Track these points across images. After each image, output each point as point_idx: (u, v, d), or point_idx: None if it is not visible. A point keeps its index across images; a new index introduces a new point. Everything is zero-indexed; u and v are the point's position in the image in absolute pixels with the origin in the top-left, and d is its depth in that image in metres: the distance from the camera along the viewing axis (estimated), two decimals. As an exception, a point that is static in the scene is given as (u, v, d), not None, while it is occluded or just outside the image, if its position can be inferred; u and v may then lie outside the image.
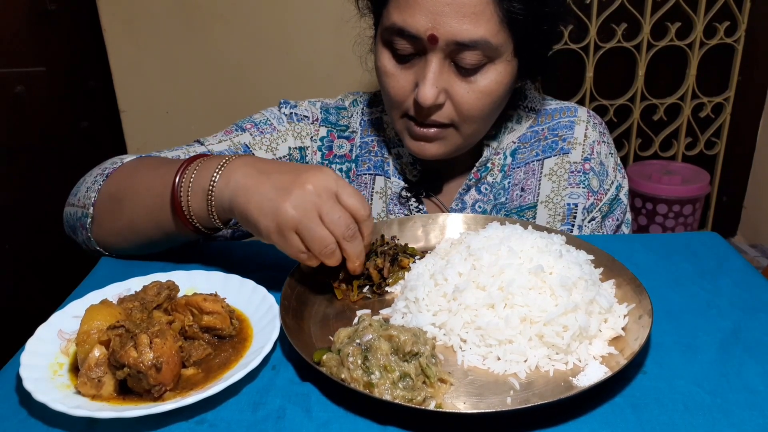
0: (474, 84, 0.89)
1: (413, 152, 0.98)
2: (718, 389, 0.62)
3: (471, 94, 0.90)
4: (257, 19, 1.74)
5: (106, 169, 0.90)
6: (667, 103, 2.11)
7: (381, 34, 0.93)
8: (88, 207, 0.87)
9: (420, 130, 0.93)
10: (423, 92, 0.88)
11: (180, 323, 0.68)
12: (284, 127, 1.07)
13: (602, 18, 1.96)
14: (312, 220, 0.69)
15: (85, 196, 0.88)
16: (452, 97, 0.90)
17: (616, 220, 1.09)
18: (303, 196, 0.70)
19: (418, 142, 0.96)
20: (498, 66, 0.89)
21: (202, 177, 0.77)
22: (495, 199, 1.06)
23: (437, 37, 0.85)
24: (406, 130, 0.96)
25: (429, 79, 0.88)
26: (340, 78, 1.75)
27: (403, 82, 0.92)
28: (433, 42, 0.85)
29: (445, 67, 0.89)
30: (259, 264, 0.85)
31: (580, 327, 0.65)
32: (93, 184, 0.89)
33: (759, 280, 0.82)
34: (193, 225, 0.80)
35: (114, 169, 0.89)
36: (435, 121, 0.92)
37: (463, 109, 0.91)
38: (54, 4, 1.79)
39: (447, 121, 0.93)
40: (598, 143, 1.08)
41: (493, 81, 0.90)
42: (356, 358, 0.61)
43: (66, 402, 0.58)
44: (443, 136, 0.94)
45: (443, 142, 0.95)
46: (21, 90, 1.83)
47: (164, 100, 1.80)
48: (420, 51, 0.89)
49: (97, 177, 0.89)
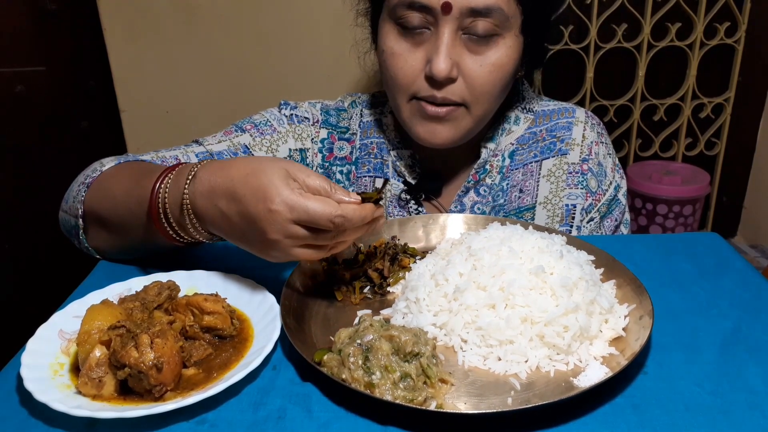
0: (486, 58, 0.89)
1: (423, 140, 0.96)
2: (719, 389, 0.62)
3: (483, 68, 0.89)
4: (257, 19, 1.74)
5: (87, 178, 0.87)
6: (667, 103, 2.11)
7: (387, 14, 0.92)
8: (78, 218, 0.86)
9: (432, 108, 0.92)
10: (437, 64, 0.87)
11: (181, 323, 0.68)
12: (284, 129, 1.06)
13: (602, 18, 1.96)
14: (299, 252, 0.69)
15: (73, 205, 0.87)
16: (464, 72, 0.90)
17: (614, 220, 1.09)
18: (278, 247, 0.68)
19: (430, 124, 0.94)
20: (507, 40, 0.90)
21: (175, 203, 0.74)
22: (494, 201, 1.05)
23: (451, 5, 0.84)
24: (417, 113, 0.94)
25: (442, 51, 0.87)
26: (340, 78, 1.74)
27: (412, 61, 0.91)
28: (447, 10, 0.85)
29: (457, 40, 0.88)
30: (260, 264, 0.85)
31: (581, 327, 0.65)
32: (77, 194, 0.87)
33: (759, 281, 0.82)
34: (184, 242, 0.78)
35: (94, 178, 0.86)
36: (447, 98, 0.91)
37: (475, 84, 0.90)
38: (54, 4, 1.79)
39: (459, 100, 0.91)
40: (596, 144, 1.08)
41: (503, 55, 0.90)
42: (357, 358, 0.61)
43: (67, 402, 0.58)
44: (455, 116, 0.93)
45: (454, 125, 0.94)
46: (21, 90, 1.83)
47: (164, 100, 1.80)
48: (430, 24, 0.88)
49: (80, 186, 0.87)
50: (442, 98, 0.91)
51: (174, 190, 0.74)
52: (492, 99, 0.94)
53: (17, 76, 1.82)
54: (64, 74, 1.87)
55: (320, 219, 0.66)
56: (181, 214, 0.73)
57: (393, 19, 0.91)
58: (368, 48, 1.08)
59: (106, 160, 0.92)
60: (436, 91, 0.91)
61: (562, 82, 2.06)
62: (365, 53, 1.08)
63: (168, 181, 0.75)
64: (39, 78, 1.84)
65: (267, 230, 0.67)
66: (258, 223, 0.67)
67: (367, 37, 1.05)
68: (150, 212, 0.75)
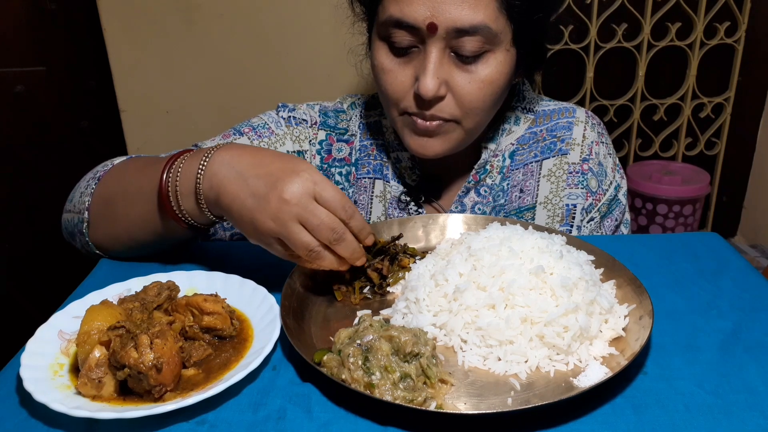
0: (475, 74, 0.88)
1: (414, 151, 0.96)
2: (719, 390, 0.62)
3: (472, 84, 0.88)
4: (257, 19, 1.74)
5: (98, 173, 0.90)
6: (667, 103, 2.11)
7: (377, 30, 0.92)
8: (83, 212, 0.87)
9: (423, 123, 0.91)
10: (424, 84, 0.87)
11: (180, 324, 0.68)
12: (282, 131, 1.06)
13: (602, 18, 1.96)
14: (291, 229, 0.69)
15: (80, 201, 0.89)
16: (453, 89, 0.89)
17: (614, 220, 1.09)
18: (280, 207, 0.69)
19: (421, 138, 0.94)
20: (498, 55, 0.89)
21: (187, 178, 0.77)
22: (494, 201, 1.05)
23: (436, 25, 0.84)
24: (407, 127, 0.94)
25: (429, 70, 0.86)
26: (340, 78, 1.74)
27: (402, 77, 0.91)
28: (433, 30, 0.84)
29: (445, 58, 0.88)
30: (260, 264, 0.85)
31: (581, 327, 0.65)
32: (86, 188, 0.89)
33: (759, 281, 0.82)
34: (187, 223, 0.80)
35: (105, 171, 0.89)
36: (436, 115, 0.91)
37: (464, 100, 0.89)
38: (54, 4, 1.79)
39: (448, 116, 0.91)
40: (597, 144, 1.08)
41: (494, 70, 0.89)
42: (357, 358, 0.61)
43: (66, 402, 0.58)
44: (445, 130, 0.93)
45: (445, 138, 0.94)
46: (21, 90, 1.83)
47: (164, 100, 1.80)
48: (418, 43, 0.88)
49: (89, 181, 0.89)
50: (430, 115, 0.91)
51: (191, 162, 0.77)
52: (483, 113, 0.93)
53: (17, 76, 1.82)
54: (64, 74, 1.87)
55: (336, 204, 0.70)
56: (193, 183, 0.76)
57: (382, 37, 0.91)
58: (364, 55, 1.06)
59: (115, 159, 0.94)
60: (425, 109, 0.90)
61: (562, 82, 2.06)
62: (361, 60, 1.07)
63: (185, 157, 0.79)
64: (39, 78, 1.84)
65: (286, 189, 0.69)
66: (278, 182, 0.69)
67: (363, 42, 1.04)
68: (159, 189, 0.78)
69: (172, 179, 0.78)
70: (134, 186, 0.84)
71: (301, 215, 0.69)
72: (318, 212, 0.69)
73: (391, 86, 0.92)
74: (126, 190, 0.85)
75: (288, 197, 0.69)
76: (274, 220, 0.69)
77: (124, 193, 0.85)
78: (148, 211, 0.82)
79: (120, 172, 0.88)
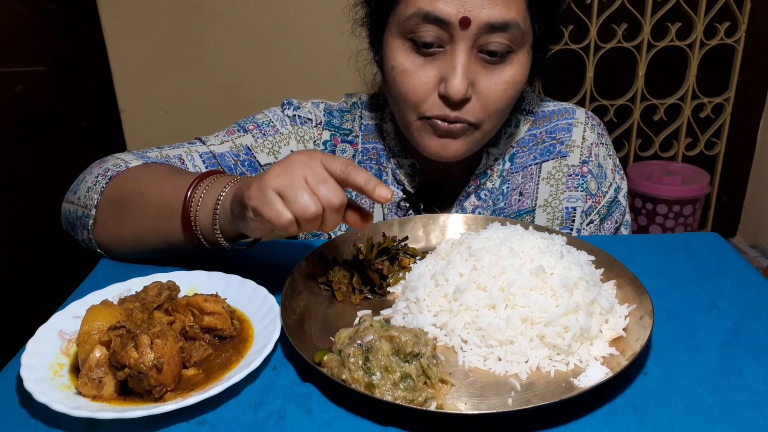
0: (500, 75, 0.88)
1: (432, 153, 0.93)
2: (719, 390, 0.62)
3: (498, 86, 0.88)
4: (257, 19, 1.74)
5: (108, 171, 0.89)
6: (667, 103, 2.11)
7: (398, 29, 0.89)
8: (90, 208, 0.86)
9: (445, 125, 0.89)
10: (453, 85, 0.85)
11: (181, 324, 0.68)
12: (287, 130, 1.05)
13: (602, 18, 1.96)
14: (297, 181, 0.68)
15: (87, 196, 0.88)
16: (478, 91, 0.88)
17: (614, 222, 1.08)
18: (289, 162, 0.69)
19: (442, 140, 0.91)
20: (520, 56, 0.89)
21: (212, 191, 0.78)
22: (494, 205, 1.05)
23: (470, 20, 0.83)
24: (428, 129, 0.92)
25: (459, 70, 0.85)
26: (341, 78, 1.74)
27: (425, 78, 0.88)
28: (465, 25, 0.83)
29: (472, 58, 0.87)
30: (260, 264, 0.85)
31: (581, 328, 0.65)
32: (94, 184, 0.88)
33: (759, 281, 0.82)
34: (198, 239, 0.80)
35: (118, 172, 0.88)
36: (460, 118, 0.89)
37: (489, 102, 0.89)
38: (54, 3, 1.79)
39: (472, 120, 0.89)
40: (596, 145, 1.07)
41: (517, 71, 0.89)
42: (357, 358, 0.61)
43: (66, 403, 0.57)
44: (466, 132, 0.91)
45: (465, 140, 0.92)
46: (21, 90, 1.83)
47: (164, 100, 1.80)
48: (444, 41, 0.86)
49: (98, 177, 0.88)
50: (455, 117, 0.89)
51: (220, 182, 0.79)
52: (501, 116, 0.93)
53: (17, 76, 1.82)
54: (64, 74, 1.87)
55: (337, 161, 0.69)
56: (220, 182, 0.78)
57: (403, 34, 0.88)
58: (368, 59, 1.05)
59: (123, 156, 0.93)
60: (450, 110, 0.88)
61: (562, 82, 2.06)
62: (364, 65, 1.06)
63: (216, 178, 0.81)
64: (39, 78, 1.84)
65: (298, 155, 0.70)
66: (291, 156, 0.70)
67: (365, 47, 1.02)
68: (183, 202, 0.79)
69: (199, 190, 0.79)
70: (154, 190, 0.84)
71: (308, 172, 0.68)
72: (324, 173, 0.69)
73: (414, 88, 0.89)
74: (143, 194, 0.84)
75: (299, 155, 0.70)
76: (281, 174, 0.68)
77: (141, 196, 0.84)
78: (163, 216, 0.82)
79: (137, 177, 0.87)
